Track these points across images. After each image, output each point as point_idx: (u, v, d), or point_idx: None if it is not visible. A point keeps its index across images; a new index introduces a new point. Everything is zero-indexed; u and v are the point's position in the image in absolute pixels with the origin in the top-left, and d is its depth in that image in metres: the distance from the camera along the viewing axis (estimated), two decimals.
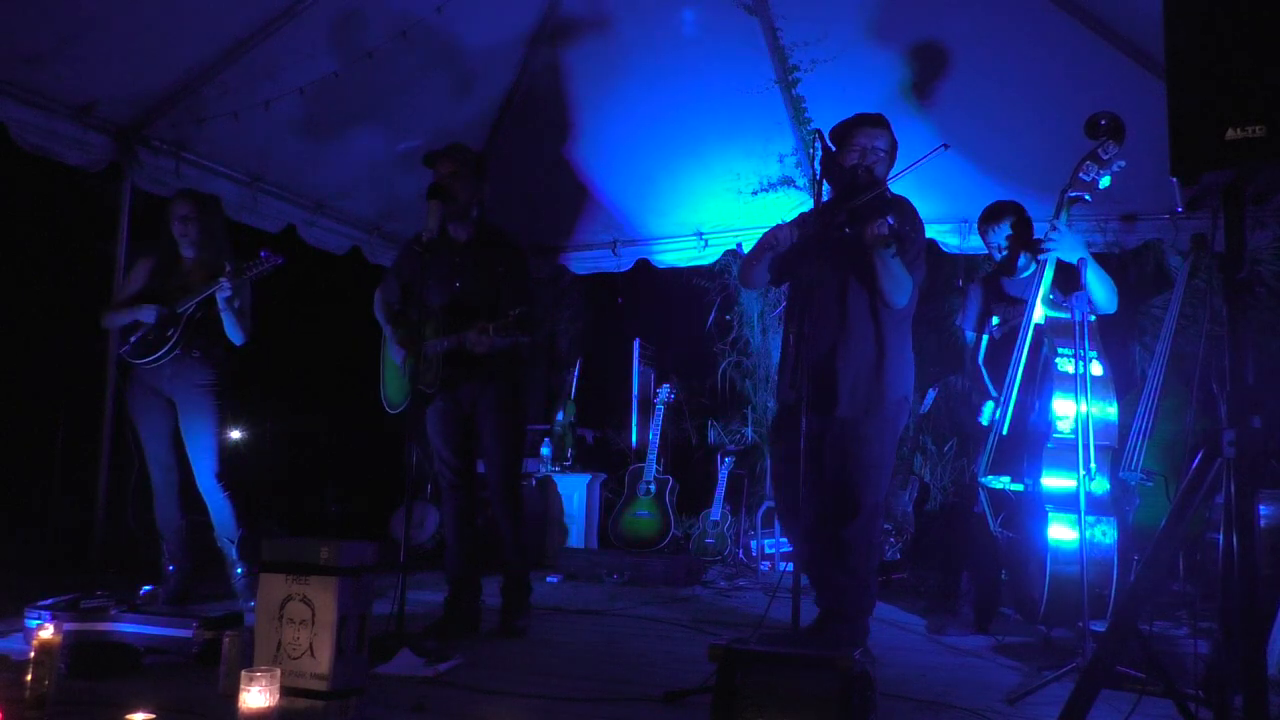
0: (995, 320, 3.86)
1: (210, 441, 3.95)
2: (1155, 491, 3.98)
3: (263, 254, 3.86)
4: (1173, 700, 1.94)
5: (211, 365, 3.96)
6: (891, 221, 2.89)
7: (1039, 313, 3.45)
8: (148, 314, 3.86)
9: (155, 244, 4.04)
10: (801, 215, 3.36)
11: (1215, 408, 3.84)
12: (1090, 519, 3.22)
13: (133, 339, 3.92)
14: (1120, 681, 2.70)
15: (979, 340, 3.94)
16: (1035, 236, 3.88)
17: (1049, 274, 3.40)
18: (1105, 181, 3.16)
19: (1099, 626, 2.86)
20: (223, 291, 3.78)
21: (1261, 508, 2.66)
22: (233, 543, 3.97)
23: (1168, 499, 3.99)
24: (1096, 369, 3.37)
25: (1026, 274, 3.81)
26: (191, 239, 3.96)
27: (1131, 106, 3.14)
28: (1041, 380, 3.46)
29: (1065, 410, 3.31)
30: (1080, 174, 3.16)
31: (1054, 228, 3.26)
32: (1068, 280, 3.34)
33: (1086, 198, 3.21)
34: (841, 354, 3.11)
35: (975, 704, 2.69)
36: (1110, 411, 3.41)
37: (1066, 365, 3.30)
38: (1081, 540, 3.00)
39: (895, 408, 3.18)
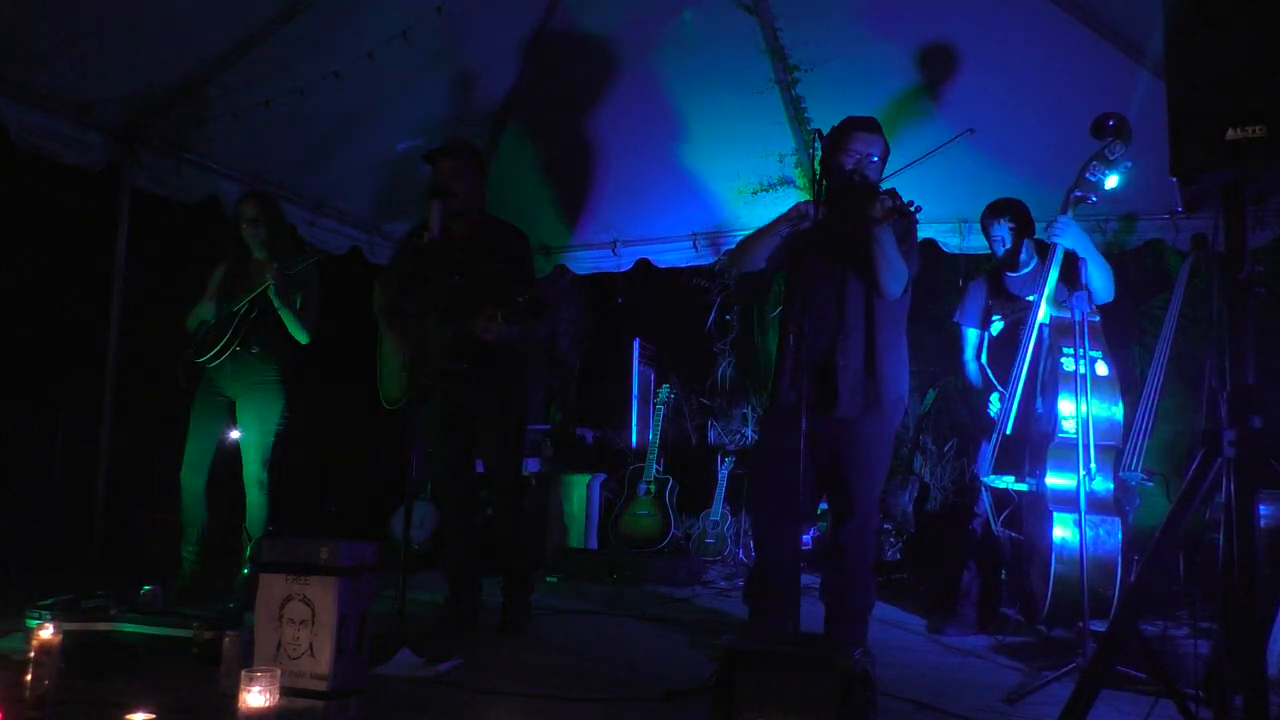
0: (997, 319, 3.86)
1: (262, 438, 3.99)
2: (1155, 492, 3.98)
3: (305, 248, 3.94)
4: (1173, 700, 1.94)
5: (272, 362, 4.00)
6: (894, 201, 2.89)
7: (1043, 311, 3.46)
8: (206, 310, 3.98)
9: (230, 249, 4.14)
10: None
11: (1216, 408, 3.83)
12: (1094, 518, 3.23)
13: (196, 340, 4.00)
14: (1120, 681, 2.70)
15: (982, 337, 3.94)
16: (1036, 235, 3.89)
17: (1055, 270, 3.40)
18: (1111, 182, 3.16)
19: (1100, 626, 2.86)
20: (271, 287, 3.82)
21: (1261, 508, 2.66)
22: (249, 541, 3.98)
23: (1168, 499, 3.99)
24: (1102, 369, 3.38)
25: (1028, 269, 3.82)
26: (261, 239, 4.04)
27: (1131, 106, 3.15)
28: (1047, 380, 3.46)
29: (1071, 410, 3.31)
30: (1087, 174, 3.16)
31: (1060, 220, 3.27)
32: (1072, 276, 3.35)
33: (1093, 199, 3.22)
34: (840, 353, 3.11)
35: (975, 704, 2.69)
36: (1115, 411, 3.41)
37: (1072, 365, 3.30)
38: (1081, 540, 3.00)
39: (892, 408, 3.18)
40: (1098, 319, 3.45)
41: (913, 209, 3.04)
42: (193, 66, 4.46)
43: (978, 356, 3.96)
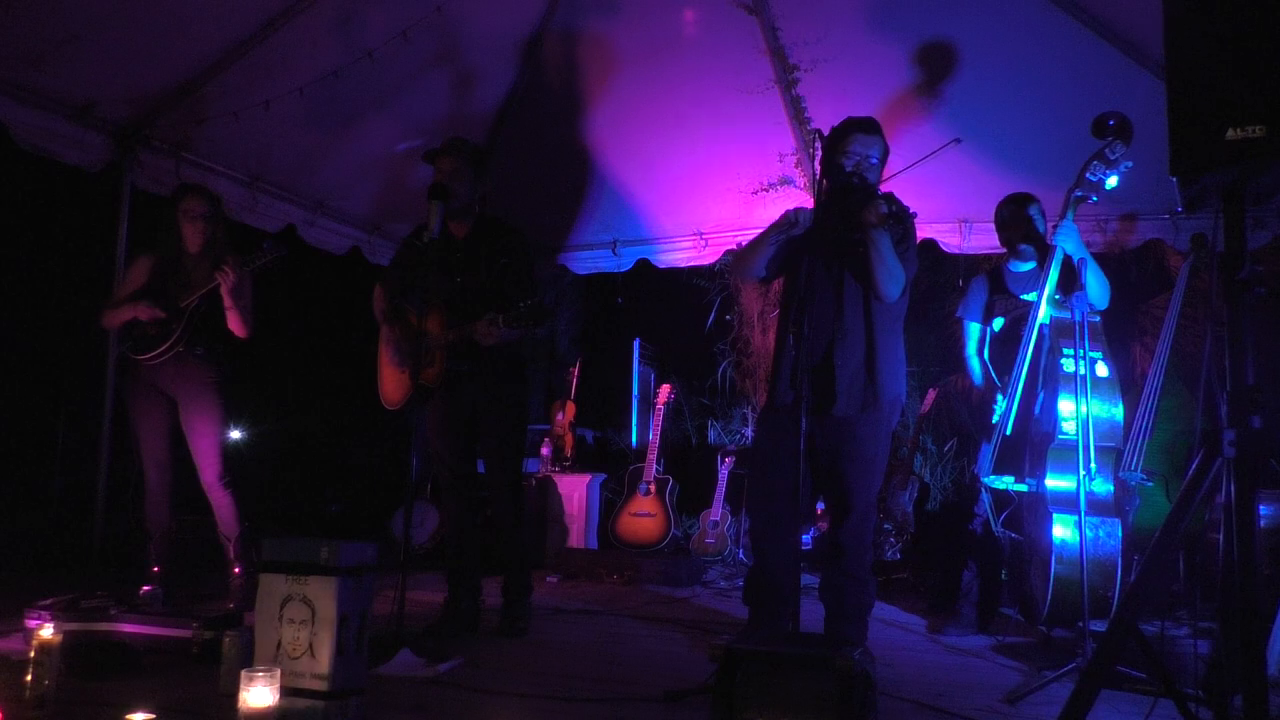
0: (999, 317, 3.87)
1: (214, 440, 3.94)
2: (1155, 492, 3.99)
3: (265, 245, 3.86)
4: (1173, 700, 1.94)
5: (214, 363, 3.95)
6: (889, 207, 2.90)
7: (1043, 311, 3.46)
8: (144, 310, 3.84)
9: (157, 240, 4.01)
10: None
11: (1215, 408, 3.83)
12: (1095, 520, 3.22)
13: (135, 335, 3.90)
14: (1120, 681, 2.70)
15: (985, 332, 3.94)
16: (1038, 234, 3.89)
17: (1055, 270, 3.40)
18: (1112, 182, 3.16)
19: (1100, 627, 2.86)
20: (227, 284, 3.78)
21: (1261, 508, 2.66)
22: (229, 541, 3.97)
23: (1168, 499, 3.99)
24: (1102, 370, 3.38)
25: (1027, 267, 3.82)
26: (205, 235, 3.95)
27: (1132, 106, 3.15)
28: (1047, 381, 3.46)
29: (1071, 410, 3.31)
30: (1087, 174, 3.16)
31: (1063, 223, 3.28)
32: (1069, 279, 3.35)
33: (1093, 199, 3.22)
34: (839, 353, 3.11)
35: (975, 704, 2.69)
36: (1116, 412, 3.41)
37: (1072, 366, 3.30)
38: (1081, 540, 3.00)
39: (889, 408, 3.18)
40: (1098, 319, 3.45)
41: (910, 213, 3.04)
42: (193, 66, 4.47)
43: (980, 352, 3.96)
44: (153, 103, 4.56)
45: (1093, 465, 3.23)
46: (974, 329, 3.98)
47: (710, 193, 5.75)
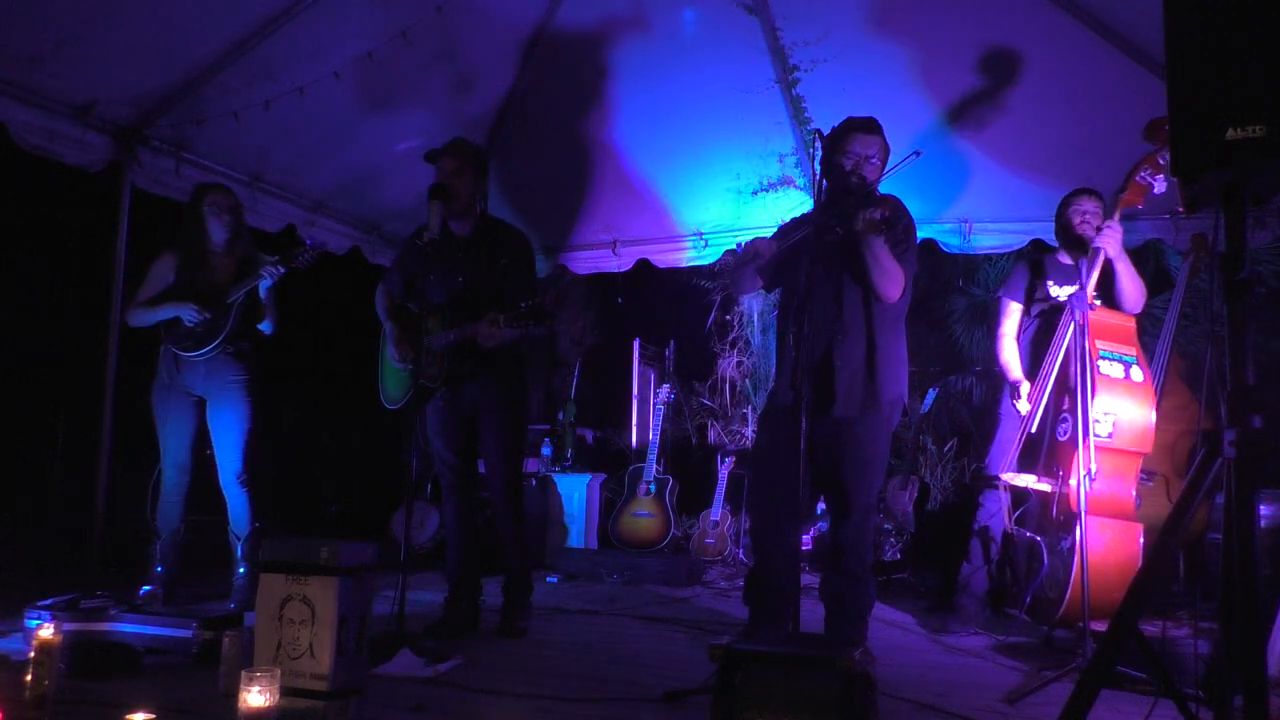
0: (1033, 307, 3.87)
1: (239, 438, 3.96)
2: (1155, 492, 3.99)
3: (309, 241, 3.90)
4: (1173, 700, 1.94)
5: (246, 360, 3.99)
6: (881, 212, 2.90)
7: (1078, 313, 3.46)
8: (188, 313, 3.85)
9: (177, 239, 4.03)
10: (782, 226, 3.38)
11: (1216, 408, 3.83)
12: (1118, 524, 3.22)
13: (179, 332, 3.91)
14: (1120, 681, 2.70)
15: (1024, 314, 3.90)
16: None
17: (1095, 273, 3.41)
18: (1160, 187, 3.17)
19: (1101, 627, 2.86)
20: (268, 280, 3.83)
21: (1261, 508, 2.66)
22: (239, 539, 3.97)
23: (1168, 499, 3.99)
24: (1137, 374, 3.40)
25: (1069, 264, 3.81)
26: (233, 231, 4.00)
27: (1132, 106, 3.15)
28: (1078, 380, 3.45)
29: (1100, 411, 3.31)
30: (1137, 177, 3.16)
31: (1107, 226, 3.29)
32: (1106, 281, 3.36)
33: (1139, 205, 3.24)
34: (839, 353, 3.11)
35: (975, 704, 2.69)
36: (1150, 417, 3.41)
37: (1106, 368, 3.31)
38: (1082, 538, 3.00)
39: (890, 408, 3.17)
40: (1131, 324, 3.48)
41: (907, 216, 3.03)
42: (193, 66, 4.46)
43: (1018, 335, 3.92)
44: (153, 103, 4.56)
45: (1093, 466, 3.23)
46: (1014, 308, 3.93)
47: (710, 193, 5.74)
